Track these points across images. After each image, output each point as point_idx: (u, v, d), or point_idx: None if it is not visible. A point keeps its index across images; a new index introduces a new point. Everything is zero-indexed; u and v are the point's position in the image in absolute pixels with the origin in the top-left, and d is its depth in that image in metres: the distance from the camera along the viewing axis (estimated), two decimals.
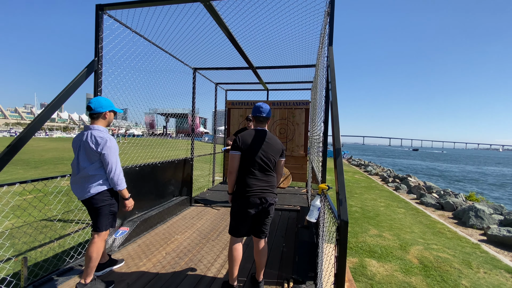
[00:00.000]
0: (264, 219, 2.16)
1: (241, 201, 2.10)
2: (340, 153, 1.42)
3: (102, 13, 2.77)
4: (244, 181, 2.11)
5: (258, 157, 2.11)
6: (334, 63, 1.98)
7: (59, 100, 2.43)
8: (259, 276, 2.24)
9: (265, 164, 2.13)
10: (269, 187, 2.13)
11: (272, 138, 2.21)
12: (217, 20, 3.02)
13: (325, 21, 2.54)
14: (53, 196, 4.95)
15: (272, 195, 2.15)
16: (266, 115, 2.24)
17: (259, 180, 2.11)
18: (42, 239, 3.79)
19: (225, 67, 5.15)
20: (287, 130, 6.39)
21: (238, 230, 2.15)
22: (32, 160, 13.08)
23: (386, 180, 12.91)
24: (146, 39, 3.61)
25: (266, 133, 2.21)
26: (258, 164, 2.12)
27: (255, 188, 2.08)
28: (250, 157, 2.11)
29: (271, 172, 2.17)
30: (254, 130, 2.22)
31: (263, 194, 2.09)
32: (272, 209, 2.17)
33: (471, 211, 6.37)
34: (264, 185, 2.11)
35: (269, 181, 2.15)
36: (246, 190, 2.08)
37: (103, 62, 2.83)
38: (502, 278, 3.59)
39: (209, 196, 5.44)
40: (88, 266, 2.08)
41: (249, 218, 2.12)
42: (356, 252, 4.17)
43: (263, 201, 2.09)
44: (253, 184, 2.09)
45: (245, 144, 2.13)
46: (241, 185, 2.13)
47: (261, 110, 2.22)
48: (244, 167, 2.14)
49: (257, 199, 2.07)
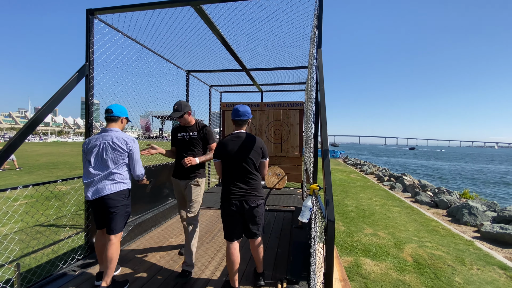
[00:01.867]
0: (250, 221, 2.19)
1: (224, 204, 2.19)
2: (327, 154, 1.45)
3: (92, 18, 2.78)
4: (226, 186, 2.19)
5: (236, 162, 2.15)
6: (322, 65, 2.01)
7: (50, 105, 2.42)
8: (260, 268, 2.35)
9: (244, 168, 2.15)
10: (250, 190, 2.15)
11: (251, 141, 2.20)
12: (208, 23, 3.04)
13: (314, 23, 2.58)
14: (45, 202, 4.91)
15: (254, 198, 2.15)
16: (244, 117, 2.23)
17: (239, 184, 2.15)
18: (35, 244, 3.76)
19: (218, 70, 5.17)
20: (281, 131, 6.42)
21: (228, 233, 2.20)
22: (26, 165, 12.94)
23: (381, 179, 13.01)
24: (138, 42, 3.62)
25: (244, 136, 2.20)
26: (237, 169, 2.15)
27: (235, 192, 2.14)
28: (229, 162, 2.17)
29: (252, 175, 2.18)
30: (231, 135, 2.23)
31: (243, 198, 2.13)
32: (257, 211, 2.17)
33: (464, 208, 6.45)
34: (245, 188, 2.15)
35: (251, 184, 2.17)
36: (227, 194, 2.17)
37: (94, 67, 2.83)
38: (495, 275, 3.64)
39: (204, 198, 5.43)
40: (109, 267, 2.14)
41: (235, 220, 2.17)
42: (351, 251, 4.20)
43: (244, 204, 2.13)
44: (233, 188, 2.15)
45: (223, 150, 2.18)
46: (224, 189, 2.21)
47: (238, 113, 2.23)
48: (225, 172, 2.21)
49: (238, 202, 2.13)
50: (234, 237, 2.19)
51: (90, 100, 2.82)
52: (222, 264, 2.74)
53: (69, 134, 68.43)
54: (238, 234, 2.21)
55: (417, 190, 9.40)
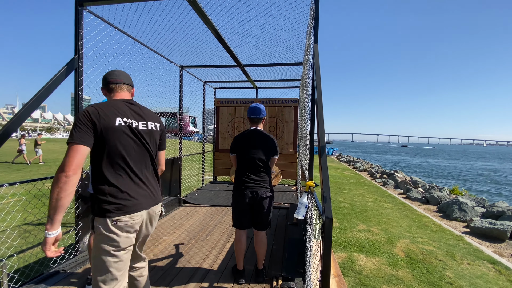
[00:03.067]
0: (259, 212, 2.32)
1: (236, 193, 2.36)
2: (324, 151, 1.43)
3: (82, 9, 2.67)
4: (239, 177, 2.37)
5: (250, 156, 2.33)
6: (319, 61, 1.98)
7: (37, 100, 2.33)
8: (260, 265, 2.41)
9: (256, 162, 2.33)
10: (260, 182, 2.33)
11: (264, 138, 2.39)
12: (202, 17, 2.97)
13: (310, 18, 2.54)
14: (33, 200, 4.78)
15: (264, 190, 2.32)
16: (259, 115, 2.43)
17: (252, 176, 2.33)
18: (23, 244, 3.65)
19: (213, 65, 5.09)
20: (276, 128, 6.40)
21: (238, 222, 2.35)
22: (14, 162, 12.59)
23: (374, 176, 13.18)
24: (130, 36, 3.52)
25: (258, 133, 2.39)
26: (250, 162, 2.33)
27: (247, 183, 2.31)
28: (243, 156, 2.36)
29: (263, 168, 2.36)
30: (247, 131, 2.42)
31: (254, 189, 2.30)
32: (266, 202, 2.33)
33: (454, 204, 6.59)
34: (257, 180, 2.33)
35: (262, 177, 2.35)
36: (240, 185, 2.33)
37: (84, 60, 2.73)
38: (484, 269, 3.72)
39: (198, 195, 5.39)
40: None
41: (246, 210, 2.33)
42: (345, 247, 4.24)
43: (254, 195, 2.29)
44: (246, 179, 2.32)
45: (238, 145, 2.39)
46: (237, 180, 2.38)
47: (254, 112, 2.42)
48: (239, 165, 2.40)
49: (249, 192, 2.29)
50: (243, 225, 2.34)
51: (80, 95, 2.72)
52: (216, 261, 2.72)
53: (59, 131, 66.90)
54: (247, 223, 2.35)
55: (408, 187, 9.55)
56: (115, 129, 1.38)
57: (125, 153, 1.41)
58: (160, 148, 1.69)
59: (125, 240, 1.38)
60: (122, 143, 1.40)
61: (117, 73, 1.59)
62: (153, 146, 1.58)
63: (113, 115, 1.40)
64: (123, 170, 1.41)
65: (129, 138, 1.43)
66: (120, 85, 1.57)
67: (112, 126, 1.36)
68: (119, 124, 1.39)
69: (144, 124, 1.52)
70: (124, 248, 1.40)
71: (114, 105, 1.45)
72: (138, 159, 1.47)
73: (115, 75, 1.57)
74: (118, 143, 1.38)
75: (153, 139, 1.57)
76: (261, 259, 2.39)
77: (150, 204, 1.49)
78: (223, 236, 3.42)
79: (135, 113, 1.51)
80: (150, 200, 1.49)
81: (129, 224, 1.38)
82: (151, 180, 1.54)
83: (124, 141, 1.41)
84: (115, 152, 1.38)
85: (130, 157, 1.43)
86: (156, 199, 1.54)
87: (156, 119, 1.63)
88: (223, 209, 4.63)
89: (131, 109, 1.51)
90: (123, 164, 1.41)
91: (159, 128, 1.63)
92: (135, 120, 1.48)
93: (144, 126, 1.52)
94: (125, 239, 1.38)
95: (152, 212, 1.52)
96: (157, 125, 1.61)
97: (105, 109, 1.39)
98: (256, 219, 2.35)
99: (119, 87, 1.56)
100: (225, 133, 6.57)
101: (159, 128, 1.63)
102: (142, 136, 1.49)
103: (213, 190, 5.94)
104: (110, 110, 1.41)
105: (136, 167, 1.45)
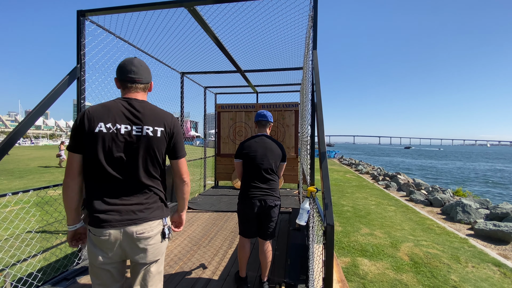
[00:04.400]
0: (266, 221, 2.26)
1: (243, 202, 2.27)
2: (325, 157, 1.43)
3: (83, 19, 2.72)
4: (246, 185, 2.27)
5: (257, 163, 2.25)
6: (318, 66, 2.00)
7: (41, 108, 2.36)
8: (264, 276, 2.33)
9: (265, 169, 2.25)
10: (269, 190, 2.25)
11: (272, 143, 2.33)
12: (202, 25, 3.01)
13: (309, 25, 2.57)
14: (36, 208, 4.80)
15: (272, 198, 2.25)
16: (268, 119, 2.41)
17: (260, 184, 2.24)
18: (26, 252, 3.65)
19: (213, 71, 5.14)
20: (277, 132, 6.41)
21: (244, 231, 2.30)
22: (16, 170, 12.65)
23: (376, 179, 13.11)
24: (131, 44, 3.56)
25: (266, 138, 2.35)
26: (258, 169, 2.25)
27: (255, 191, 2.22)
28: (251, 163, 2.27)
29: (272, 176, 2.28)
30: (254, 137, 2.37)
31: (262, 197, 2.21)
32: (274, 211, 2.26)
33: (458, 206, 6.53)
34: (265, 188, 2.24)
35: (270, 184, 2.27)
36: (247, 193, 2.24)
37: (86, 69, 2.77)
38: (489, 272, 3.68)
39: (200, 201, 5.38)
40: None
41: (252, 219, 2.25)
42: (348, 252, 4.21)
43: (262, 203, 2.21)
44: (254, 187, 2.23)
45: (245, 151, 2.29)
46: (244, 188, 2.29)
47: (263, 115, 2.40)
48: (246, 172, 2.30)
49: (257, 201, 2.21)
50: (249, 235, 2.29)
51: (82, 103, 2.76)
52: (219, 268, 2.71)
53: (61, 137, 67.33)
54: (253, 233, 2.29)
55: (411, 189, 9.49)
56: (94, 135, 1.24)
57: (104, 162, 1.25)
58: (172, 156, 1.42)
59: (94, 255, 1.26)
60: (100, 151, 1.25)
61: (136, 68, 1.37)
62: (149, 155, 1.32)
63: (97, 120, 1.26)
64: (101, 180, 1.27)
65: (108, 146, 1.25)
66: (136, 85, 1.38)
67: (92, 131, 1.24)
68: (99, 130, 1.24)
69: (138, 129, 1.30)
70: (95, 265, 1.28)
71: (106, 107, 1.30)
72: (120, 169, 1.27)
73: (133, 72, 1.36)
74: (96, 151, 1.25)
75: (150, 147, 1.32)
76: (265, 270, 2.31)
77: (125, 223, 1.25)
78: (226, 242, 3.41)
79: (132, 115, 1.31)
80: (126, 217, 1.26)
81: (98, 239, 1.24)
82: (139, 194, 1.31)
83: (102, 149, 1.25)
84: (93, 159, 1.25)
85: (109, 166, 1.26)
86: (138, 218, 1.28)
87: (159, 123, 1.35)
88: (226, 214, 4.62)
89: (128, 110, 1.31)
90: (101, 173, 1.26)
91: (161, 133, 1.34)
92: (127, 124, 1.29)
93: (138, 132, 1.30)
94: (95, 254, 1.26)
95: (131, 233, 1.25)
96: (157, 129, 1.33)
97: (93, 113, 1.27)
98: (263, 228, 2.27)
99: (134, 88, 1.37)
100: (226, 137, 6.59)
101: (161, 133, 1.34)
102: (131, 144, 1.28)
103: (215, 195, 5.93)
104: (98, 114, 1.27)
105: (114, 179, 1.27)
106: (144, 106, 1.35)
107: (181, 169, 1.45)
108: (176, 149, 1.42)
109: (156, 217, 1.33)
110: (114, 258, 1.28)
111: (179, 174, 1.46)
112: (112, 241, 1.24)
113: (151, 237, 1.30)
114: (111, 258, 1.27)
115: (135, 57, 1.41)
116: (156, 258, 1.35)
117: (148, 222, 1.30)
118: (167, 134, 1.37)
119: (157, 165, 1.37)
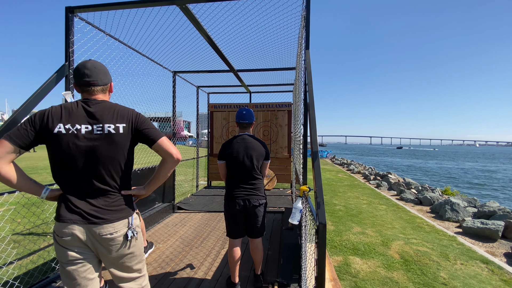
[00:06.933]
0: (252, 220, 2.28)
1: (228, 202, 2.28)
2: (317, 156, 1.43)
3: (72, 16, 2.65)
4: (231, 185, 2.28)
5: (240, 163, 2.24)
6: (311, 66, 2.00)
7: (27, 107, 2.29)
8: (258, 270, 2.39)
9: (248, 169, 2.25)
10: (253, 190, 2.26)
11: (254, 142, 2.30)
12: (194, 23, 2.98)
13: (302, 25, 2.58)
14: (22, 209, 4.67)
15: (256, 197, 2.26)
16: (248, 120, 2.35)
17: (243, 184, 2.25)
18: (12, 255, 3.55)
19: (206, 70, 5.10)
20: (270, 132, 6.42)
21: (231, 231, 2.29)
22: None
23: (368, 178, 13.29)
24: (122, 42, 3.50)
25: (248, 138, 2.30)
26: (241, 169, 2.25)
27: (239, 192, 2.24)
28: (233, 163, 2.25)
29: (255, 175, 2.28)
30: (236, 137, 2.32)
31: (246, 197, 2.23)
32: (259, 210, 2.28)
33: (447, 205, 6.68)
34: (249, 188, 2.25)
35: (254, 184, 2.27)
36: (232, 193, 2.26)
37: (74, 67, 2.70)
38: (477, 269, 3.77)
39: (193, 201, 5.34)
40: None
41: (239, 219, 2.26)
42: (340, 251, 4.24)
43: (246, 203, 2.22)
44: (238, 187, 2.25)
45: (228, 152, 2.27)
46: (228, 189, 2.30)
47: (243, 116, 2.34)
48: (230, 172, 2.31)
49: (241, 201, 2.22)
50: (237, 235, 2.28)
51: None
52: (211, 269, 2.69)
53: None
54: (241, 232, 2.30)
55: (402, 188, 9.66)
56: (53, 136, 1.24)
57: (66, 162, 1.26)
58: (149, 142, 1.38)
59: (60, 251, 1.29)
60: (61, 151, 1.25)
61: (89, 71, 1.33)
62: (113, 153, 1.31)
63: (57, 121, 1.26)
64: (65, 178, 1.30)
65: (68, 147, 1.25)
66: (92, 88, 1.35)
67: (50, 132, 1.24)
68: (58, 131, 1.24)
69: (99, 128, 1.29)
70: (61, 261, 1.30)
71: (66, 108, 1.30)
72: (81, 169, 1.28)
73: (87, 75, 1.33)
74: (57, 151, 1.26)
75: (114, 144, 1.30)
76: (258, 265, 2.38)
77: (90, 225, 1.27)
78: (218, 242, 3.39)
79: (91, 115, 1.30)
80: (91, 218, 1.27)
81: (62, 240, 1.26)
82: (102, 196, 1.32)
83: (63, 149, 1.25)
84: (56, 159, 1.28)
85: (70, 166, 1.27)
86: (103, 219, 1.28)
87: (120, 119, 1.33)
88: (218, 214, 4.60)
89: (87, 111, 1.30)
90: (64, 173, 1.29)
91: (124, 129, 1.33)
92: (88, 124, 1.28)
93: (99, 131, 1.29)
94: (60, 251, 1.29)
95: (96, 232, 1.27)
96: (119, 126, 1.32)
97: (53, 113, 1.27)
98: (250, 227, 2.31)
99: (91, 91, 1.35)
100: (219, 137, 6.55)
101: (124, 129, 1.33)
102: (92, 143, 1.27)
103: (208, 195, 5.90)
104: (57, 115, 1.27)
105: (76, 178, 1.28)
106: (104, 106, 1.34)
107: (165, 146, 1.37)
108: (149, 134, 1.37)
109: (120, 218, 1.33)
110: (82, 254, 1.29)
111: (165, 152, 1.37)
112: (76, 239, 1.26)
113: (114, 238, 1.31)
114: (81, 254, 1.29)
115: (89, 60, 1.38)
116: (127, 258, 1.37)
117: (112, 224, 1.30)
118: (130, 128, 1.35)
119: (122, 164, 1.35)
